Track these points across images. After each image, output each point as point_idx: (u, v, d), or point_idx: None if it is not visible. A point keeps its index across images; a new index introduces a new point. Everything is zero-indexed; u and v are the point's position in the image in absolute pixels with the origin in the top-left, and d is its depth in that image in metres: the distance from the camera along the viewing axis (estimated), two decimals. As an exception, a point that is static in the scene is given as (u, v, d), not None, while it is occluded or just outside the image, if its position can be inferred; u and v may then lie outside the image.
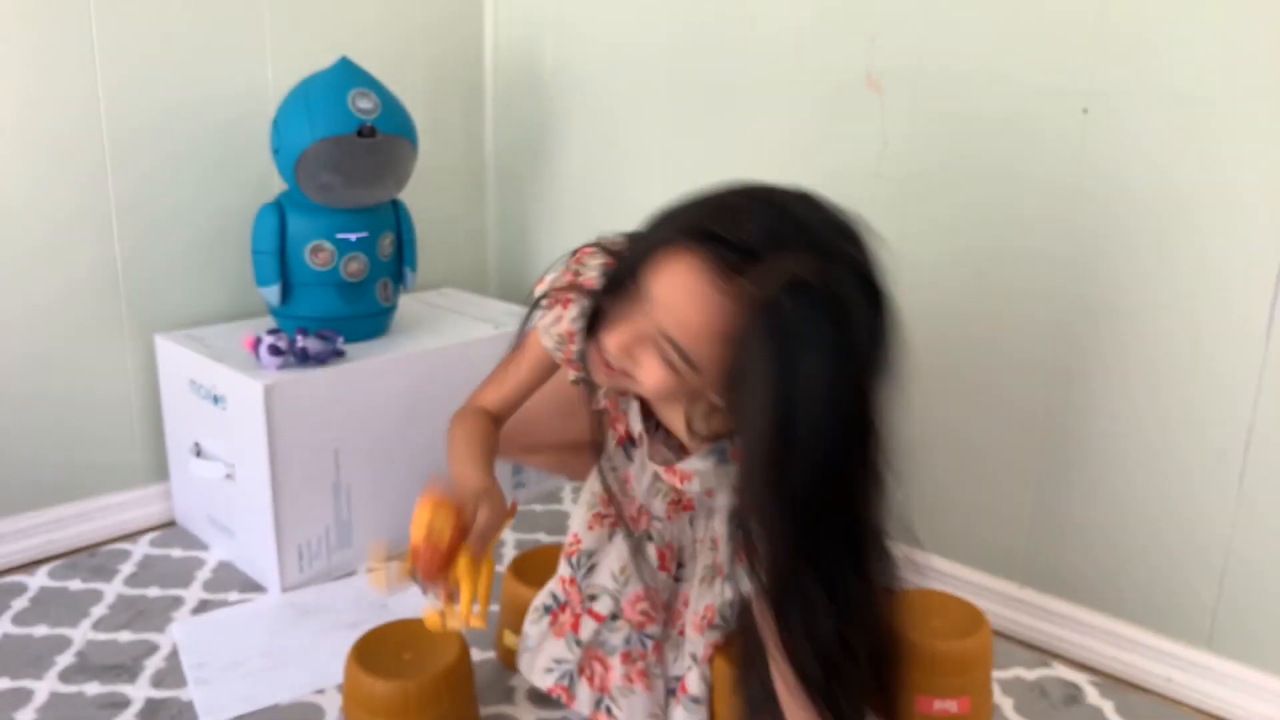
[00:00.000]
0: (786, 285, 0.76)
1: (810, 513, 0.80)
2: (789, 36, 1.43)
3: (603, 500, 1.13)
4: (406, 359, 1.47)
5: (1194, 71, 1.10)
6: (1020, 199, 1.25)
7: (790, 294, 0.76)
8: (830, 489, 0.80)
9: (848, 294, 0.78)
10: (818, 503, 0.80)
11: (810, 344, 0.76)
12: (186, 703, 1.14)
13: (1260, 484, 1.13)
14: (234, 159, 1.59)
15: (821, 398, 0.76)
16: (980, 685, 1.13)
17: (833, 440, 0.79)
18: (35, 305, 1.43)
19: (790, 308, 0.76)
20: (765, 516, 0.82)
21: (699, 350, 0.82)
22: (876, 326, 0.81)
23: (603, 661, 1.11)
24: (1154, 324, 1.17)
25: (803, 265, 0.77)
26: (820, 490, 0.80)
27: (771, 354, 0.76)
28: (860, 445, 0.81)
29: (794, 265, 0.77)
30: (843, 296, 0.78)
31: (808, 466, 0.78)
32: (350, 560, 1.47)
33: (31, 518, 1.47)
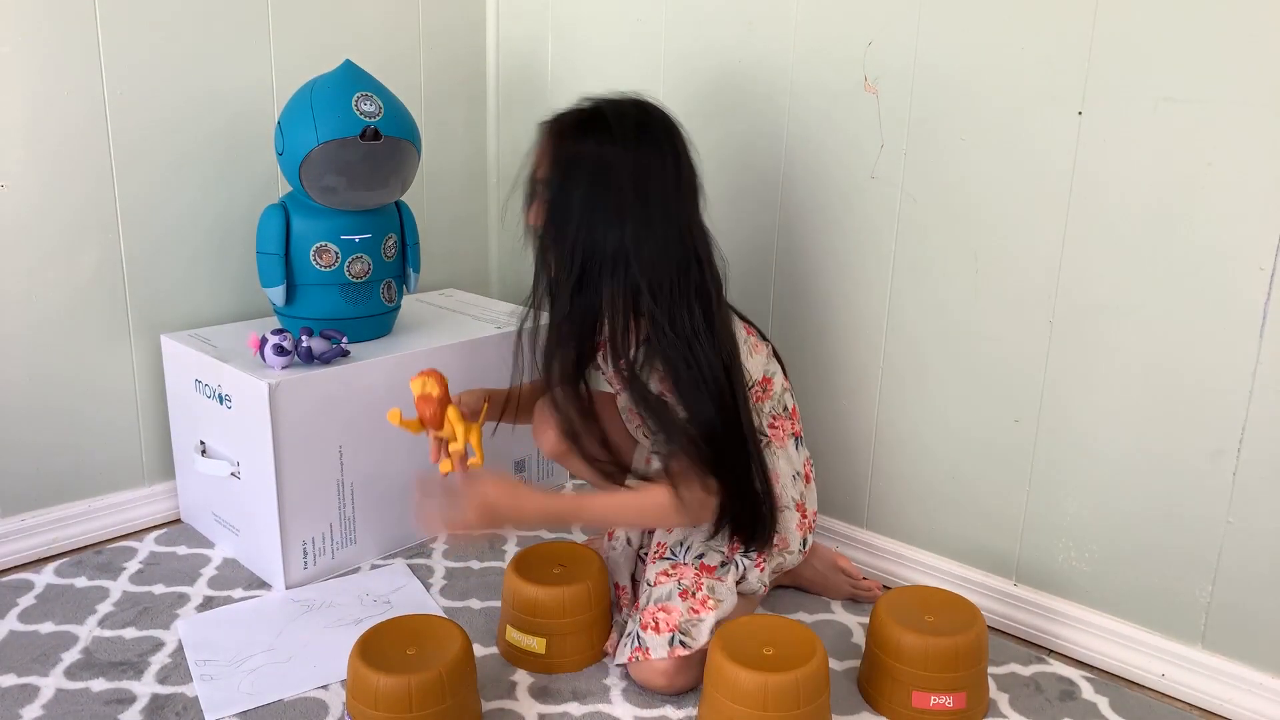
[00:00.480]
0: (565, 116, 1.18)
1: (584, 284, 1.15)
2: (787, 39, 1.44)
3: None
4: (410, 359, 1.48)
5: (1186, 74, 1.11)
6: (1015, 201, 1.26)
7: (563, 117, 1.18)
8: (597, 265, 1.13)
9: (605, 120, 1.15)
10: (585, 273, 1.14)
11: (575, 153, 1.15)
12: (192, 699, 1.15)
13: (1254, 482, 1.14)
14: (239, 161, 1.60)
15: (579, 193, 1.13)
16: (976, 681, 1.15)
17: (591, 229, 1.12)
18: (42, 306, 1.44)
19: (562, 123, 1.18)
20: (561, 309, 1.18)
21: (540, 175, 1.19)
22: (632, 143, 1.14)
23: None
24: (1148, 324, 1.18)
25: (579, 109, 1.19)
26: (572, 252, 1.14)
27: (550, 150, 1.17)
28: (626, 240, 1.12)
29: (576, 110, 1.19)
30: (599, 120, 1.15)
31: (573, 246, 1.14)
32: (354, 557, 1.48)
33: (38, 515, 1.48)
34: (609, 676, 1.23)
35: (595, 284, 1.14)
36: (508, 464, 1.68)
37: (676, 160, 1.17)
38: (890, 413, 1.44)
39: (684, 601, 1.19)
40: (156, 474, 1.60)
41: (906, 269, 1.38)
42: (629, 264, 1.13)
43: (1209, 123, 1.10)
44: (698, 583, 1.21)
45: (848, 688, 1.22)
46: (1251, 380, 1.12)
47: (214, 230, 1.59)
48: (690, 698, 1.18)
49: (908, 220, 1.36)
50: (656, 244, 1.13)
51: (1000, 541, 1.36)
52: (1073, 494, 1.28)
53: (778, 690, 1.02)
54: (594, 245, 1.13)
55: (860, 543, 1.51)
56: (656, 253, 1.13)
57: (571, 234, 1.14)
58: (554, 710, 1.16)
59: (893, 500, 1.47)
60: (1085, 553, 1.28)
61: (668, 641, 1.16)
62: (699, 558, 1.24)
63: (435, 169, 1.89)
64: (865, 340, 1.44)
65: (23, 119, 1.38)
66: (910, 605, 1.19)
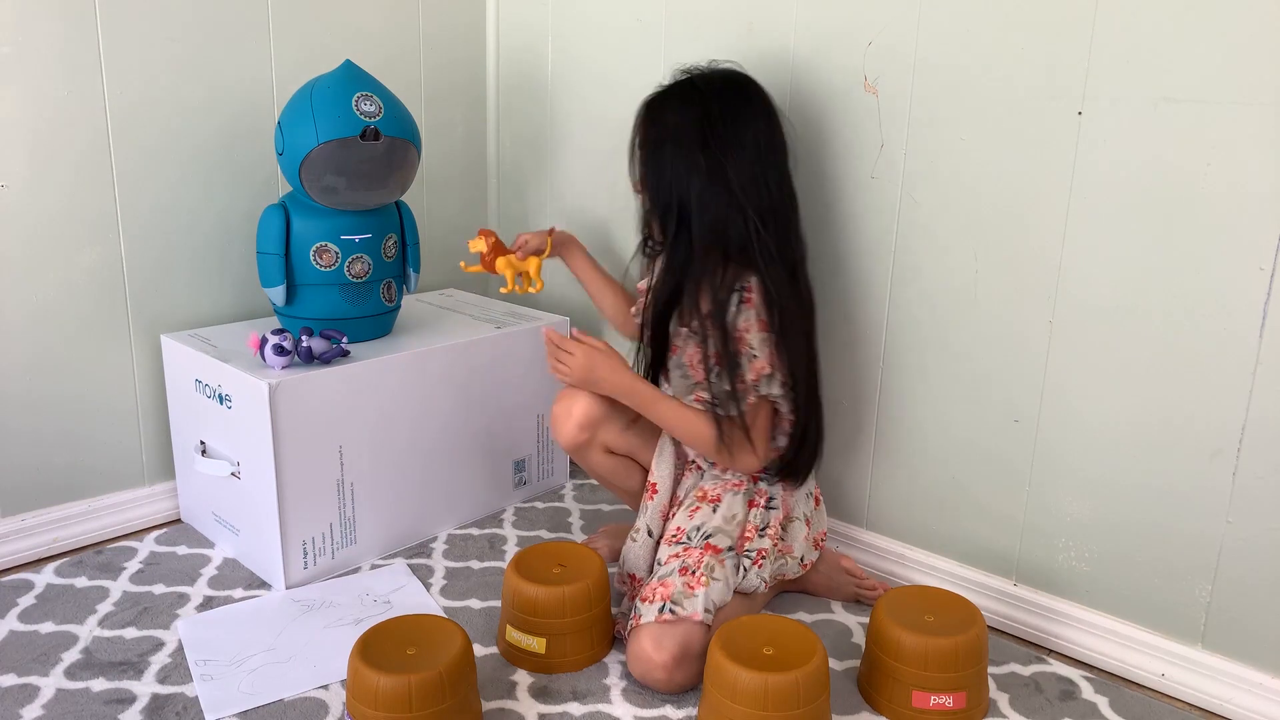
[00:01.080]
0: (659, 90, 1.32)
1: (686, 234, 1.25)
2: (787, 39, 1.44)
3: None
4: (410, 359, 1.48)
5: (1186, 74, 1.11)
6: (1015, 201, 1.26)
7: (655, 92, 1.31)
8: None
9: (685, 85, 1.28)
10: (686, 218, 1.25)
11: (664, 121, 1.28)
12: (192, 699, 1.15)
13: (1254, 482, 1.14)
14: (239, 161, 1.60)
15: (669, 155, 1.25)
16: (976, 681, 1.15)
17: (686, 185, 1.24)
18: (42, 307, 1.44)
19: (653, 96, 1.31)
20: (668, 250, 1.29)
21: (638, 140, 1.32)
22: (707, 99, 1.25)
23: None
24: (1148, 324, 1.18)
25: (672, 81, 1.31)
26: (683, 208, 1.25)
27: (645, 121, 1.31)
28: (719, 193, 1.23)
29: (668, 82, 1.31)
30: (679, 87, 1.29)
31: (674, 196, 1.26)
32: (355, 557, 1.48)
33: (38, 515, 1.48)
34: (609, 676, 1.23)
35: (688, 236, 1.25)
36: (508, 463, 1.68)
37: (765, 121, 1.27)
38: (890, 413, 1.44)
39: (681, 576, 1.21)
40: (157, 474, 1.60)
41: (906, 269, 1.38)
42: (716, 214, 1.23)
43: (1209, 123, 1.10)
44: (699, 561, 1.23)
45: (848, 688, 1.22)
46: (1251, 380, 1.12)
47: (214, 230, 1.59)
48: (690, 697, 1.18)
49: (908, 220, 1.37)
50: (747, 191, 1.23)
51: (1000, 541, 1.36)
52: (1073, 494, 1.28)
53: (778, 690, 1.02)
54: (686, 200, 1.24)
55: (860, 543, 1.51)
56: (749, 199, 1.23)
57: (665, 193, 1.26)
58: (554, 710, 1.16)
59: (893, 500, 1.47)
60: (1085, 553, 1.29)
61: (658, 609, 1.18)
62: (707, 538, 1.26)
63: (435, 169, 1.89)
64: (865, 340, 1.44)
65: (23, 119, 1.38)
66: (910, 605, 1.19)
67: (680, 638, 1.16)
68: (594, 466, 1.40)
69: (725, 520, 1.29)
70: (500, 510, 1.69)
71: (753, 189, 1.24)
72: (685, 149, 1.24)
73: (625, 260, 1.74)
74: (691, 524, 1.30)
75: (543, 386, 1.69)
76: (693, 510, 1.31)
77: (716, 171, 1.23)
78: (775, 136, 1.28)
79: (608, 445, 1.38)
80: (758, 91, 1.29)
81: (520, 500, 1.72)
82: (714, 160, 1.23)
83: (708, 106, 1.25)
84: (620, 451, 1.39)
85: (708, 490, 1.32)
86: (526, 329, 1.65)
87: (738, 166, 1.23)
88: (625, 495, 1.46)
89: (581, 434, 1.35)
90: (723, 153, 1.23)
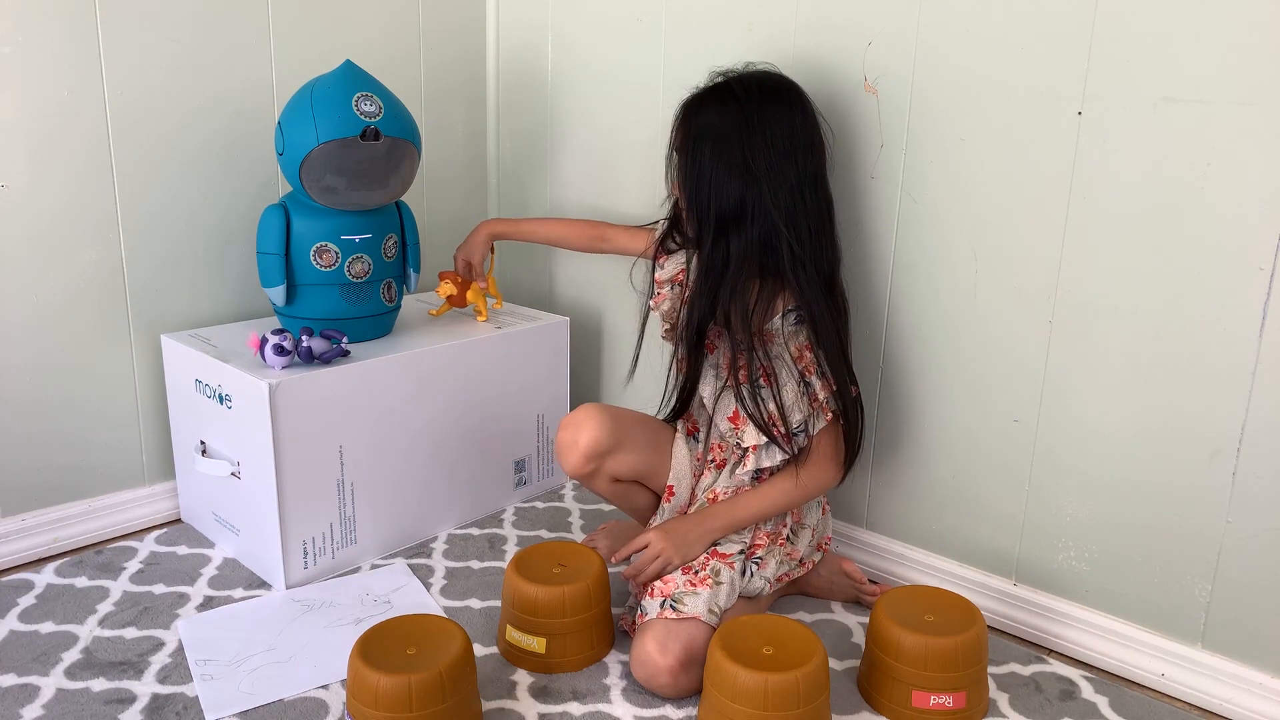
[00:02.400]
0: (696, 92, 1.30)
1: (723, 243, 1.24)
2: (786, 40, 1.45)
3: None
4: (410, 359, 1.48)
5: (1186, 74, 1.11)
6: (1015, 201, 1.26)
7: (696, 92, 1.29)
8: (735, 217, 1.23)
9: (724, 89, 1.26)
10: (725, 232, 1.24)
11: (700, 121, 1.26)
12: (192, 698, 1.15)
13: (1253, 483, 1.14)
14: (239, 161, 1.60)
15: (710, 155, 1.23)
16: (976, 681, 1.15)
17: (727, 187, 1.23)
18: (42, 306, 1.44)
19: (693, 96, 1.29)
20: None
21: (675, 143, 1.31)
22: (747, 105, 1.23)
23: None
24: (1148, 324, 1.18)
25: (707, 85, 1.30)
26: (723, 221, 1.24)
27: (682, 123, 1.29)
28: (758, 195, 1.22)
29: (703, 86, 1.30)
30: (720, 90, 1.27)
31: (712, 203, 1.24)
32: (355, 557, 1.48)
33: (39, 515, 1.48)
34: (609, 676, 1.23)
35: (725, 242, 1.24)
36: (508, 463, 1.68)
37: (803, 124, 1.26)
38: (890, 413, 1.44)
39: (684, 575, 1.22)
40: (157, 474, 1.60)
41: (906, 269, 1.38)
42: (755, 221, 1.23)
43: (1209, 123, 1.10)
44: (704, 563, 1.23)
45: (848, 688, 1.22)
46: (1251, 380, 1.12)
47: (214, 230, 1.59)
48: (690, 697, 1.18)
49: (908, 220, 1.37)
50: (783, 199, 1.22)
51: (1000, 541, 1.36)
52: (1073, 494, 1.28)
53: (778, 690, 1.02)
54: (724, 207, 1.23)
55: (860, 543, 1.51)
56: (784, 207, 1.22)
57: (704, 198, 1.25)
58: (554, 710, 1.16)
59: (893, 500, 1.47)
60: (1085, 553, 1.29)
61: (659, 605, 1.19)
62: (715, 544, 1.27)
63: (435, 169, 1.89)
64: (865, 340, 1.44)
65: (23, 119, 1.38)
66: (910, 605, 1.19)
67: (685, 640, 1.16)
68: (600, 491, 1.38)
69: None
70: (500, 510, 1.69)
71: (791, 195, 1.23)
72: (724, 154, 1.23)
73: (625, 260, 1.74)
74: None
75: (543, 386, 1.69)
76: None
77: (755, 177, 1.22)
78: (814, 140, 1.27)
79: (614, 474, 1.35)
80: (797, 94, 1.27)
81: (520, 500, 1.72)
82: (752, 166, 1.22)
83: (745, 111, 1.23)
84: (626, 479, 1.37)
85: (718, 495, 1.32)
86: (527, 329, 1.65)
87: (776, 172, 1.22)
88: (632, 513, 1.44)
89: (588, 464, 1.32)
90: (761, 158, 1.22)
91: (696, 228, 1.28)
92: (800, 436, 1.26)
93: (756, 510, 1.28)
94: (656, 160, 1.66)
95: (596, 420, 1.31)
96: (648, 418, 1.41)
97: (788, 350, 1.25)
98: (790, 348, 1.25)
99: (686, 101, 1.30)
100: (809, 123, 1.27)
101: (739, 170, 1.22)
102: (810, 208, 1.25)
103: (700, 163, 1.25)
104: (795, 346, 1.25)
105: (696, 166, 1.25)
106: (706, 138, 1.25)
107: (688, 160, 1.27)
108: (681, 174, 1.28)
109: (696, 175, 1.25)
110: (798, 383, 1.24)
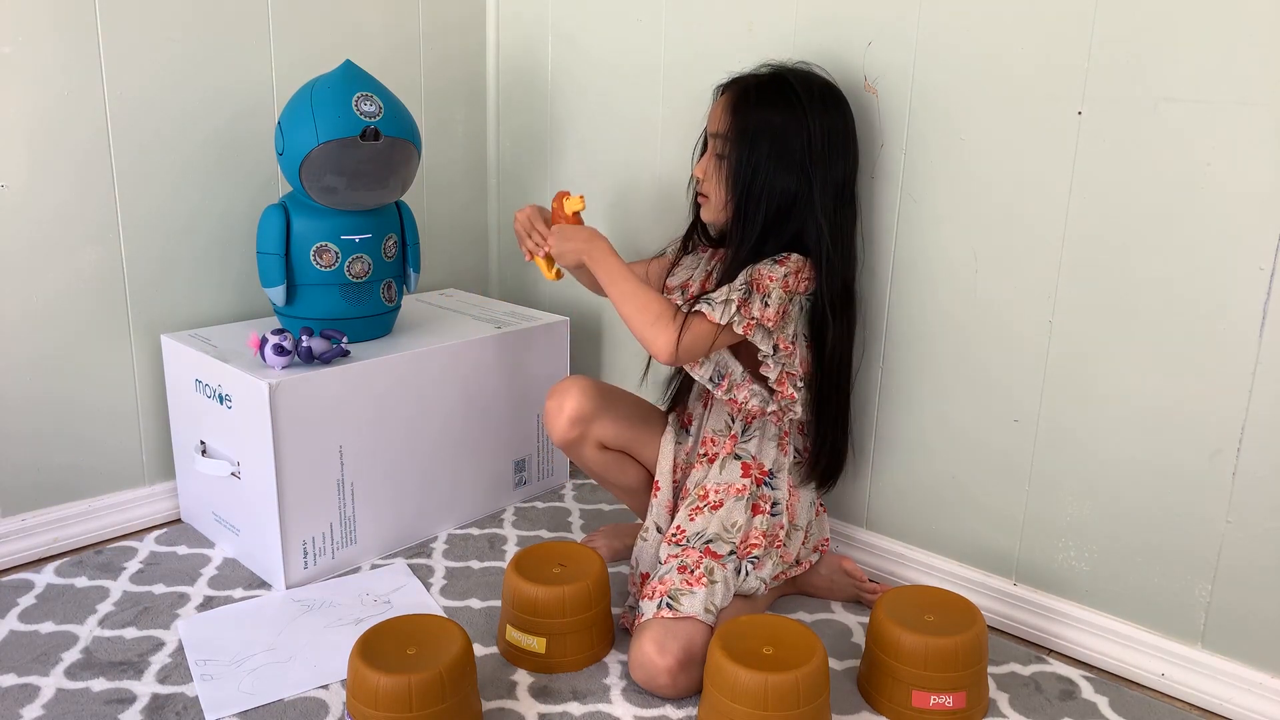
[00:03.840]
0: (751, 79, 1.28)
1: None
2: (786, 41, 1.44)
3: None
4: (410, 358, 1.48)
5: (1186, 74, 1.11)
6: (1014, 201, 1.26)
7: (750, 81, 1.28)
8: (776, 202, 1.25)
9: (784, 84, 1.26)
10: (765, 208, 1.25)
11: (759, 114, 1.24)
12: (192, 698, 1.15)
13: (1253, 482, 1.14)
14: (239, 161, 1.60)
15: (765, 149, 1.23)
16: (976, 680, 1.15)
17: (775, 176, 1.23)
18: (42, 306, 1.44)
19: (749, 86, 1.27)
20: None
21: (716, 129, 1.29)
22: (809, 105, 1.24)
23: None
24: (1148, 324, 1.18)
25: (761, 75, 1.29)
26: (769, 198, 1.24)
27: (734, 112, 1.26)
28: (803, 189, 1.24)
29: (757, 76, 1.29)
30: (779, 84, 1.26)
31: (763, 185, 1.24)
32: (355, 557, 1.48)
33: (38, 515, 1.48)
34: (609, 676, 1.23)
35: (763, 238, 1.25)
36: (508, 463, 1.68)
37: (852, 139, 1.30)
38: (890, 413, 1.44)
39: (680, 575, 1.22)
40: (157, 474, 1.60)
41: (906, 269, 1.38)
42: (798, 224, 1.25)
43: (1209, 123, 1.10)
44: (698, 562, 1.24)
45: (848, 688, 1.22)
46: (1251, 380, 1.12)
47: (214, 230, 1.59)
48: (690, 697, 1.18)
49: (908, 220, 1.37)
50: (829, 199, 1.25)
51: (1000, 541, 1.36)
52: (1072, 494, 1.28)
53: (778, 690, 1.02)
54: (774, 199, 1.24)
55: (860, 543, 1.51)
56: (828, 206, 1.25)
57: (757, 191, 1.24)
58: (554, 710, 1.16)
59: (893, 500, 1.47)
60: (1085, 553, 1.29)
61: (657, 605, 1.19)
62: (707, 543, 1.27)
63: (435, 169, 1.89)
64: (866, 340, 1.44)
65: (23, 119, 1.38)
66: (910, 605, 1.19)
67: (683, 640, 1.16)
68: (587, 463, 1.40)
69: (725, 527, 1.29)
70: (500, 510, 1.69)
71: (833, 203, 1.25)
72: (784, 151, 1.23)
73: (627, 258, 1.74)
74: (692, 528, 1.30)
75: (543, 386, 1.69)
76: (694, 511, 1.31)
77: (807, 176, 1.23)
78: (853, 145, 1.30)
79: (601, 441, 1.38)
80: (844, 99, 1.29)
81: (520, 500, 1.72)
82: (807, 169, 1.23)
83: (808, 111, 1.23)
84: (614, 447, 1.39)
85: (709, 491, 1.32)
86: (526, 329, 1.65)
87: (825, 170, 1.24)
88: (621, 493, 1.46)
89: (573, 429, 1.35)
90: (817, 157, 1.23)
91: (737, 219, 1.27)
92: (702, 305, 1.22)
93: (616, 283, 1.28)
94: (657, 159, 1.67)
95: (581, 386, 1.36)
96: (637, 396, 1.44)
97: (754, 269, 1.25)
98: (756, 268, 1.24)
99: (737, 89, 1.28)
100: (850, 126, 1.29)
101: (795, 168, 1.23)
102: (845, 211, 1.28)
103: (758, 158, 1.24)
104: (758, 269, 1.23)
105: (754, 161, 1.24)
106: (765, 132, 1.24)
107: (745, 152, 1.25)
108: (734, 165, 1.26)
109: (753, 169, 1.24)
110: (740, 285, 1.22)
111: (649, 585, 1.23)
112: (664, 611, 1.18)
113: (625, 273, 1.29)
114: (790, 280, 1.24)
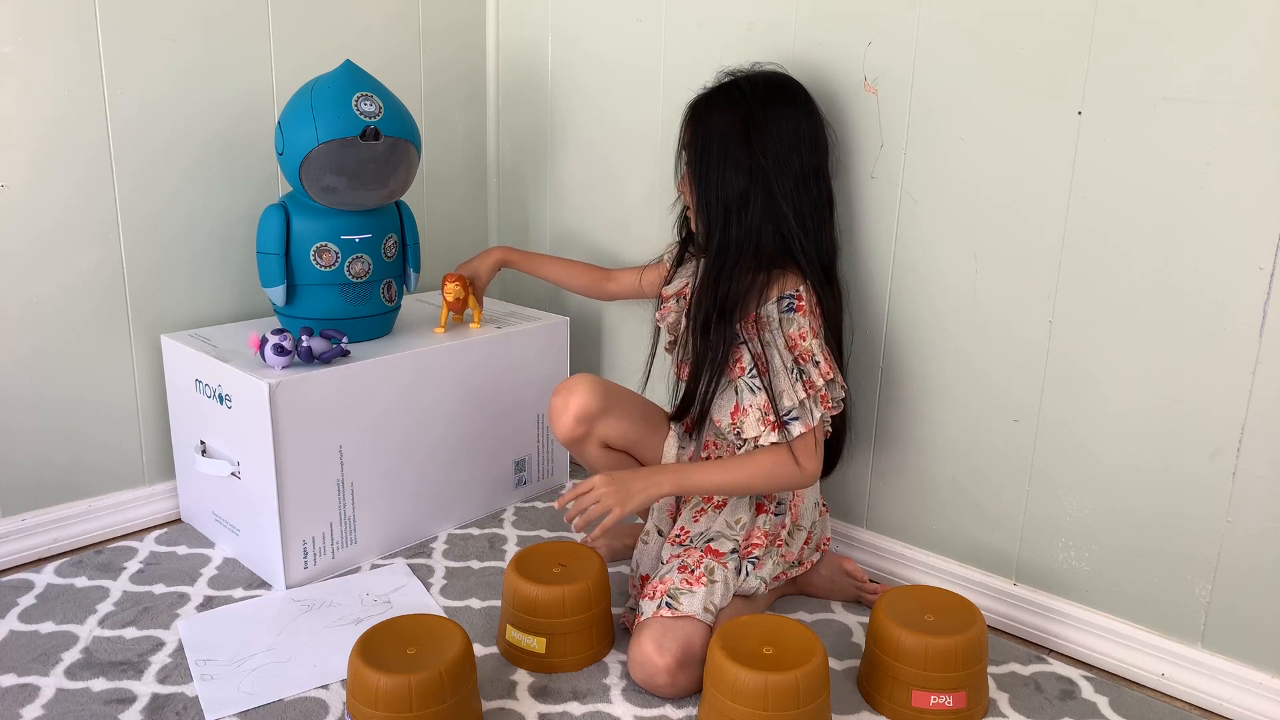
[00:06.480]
0: (704, 92, 1.31)
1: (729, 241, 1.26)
2: (787, 40, 1.45)
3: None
4: (410, 358, 1.48)
5: (1186, 74, 1.11)
6: (1015, 201, 1.26)
7: (702, 94, 1.31)
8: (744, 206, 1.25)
9: (731, 89, 1.28)
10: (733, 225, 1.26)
11: (706, 122, 1.28)
12: (192, 698, 1.16)
13: (1253, 482, 1.14)
14: (239, 161, 1.60)
15: (717, 150, 1.25)
16: (976, 680, 1.15)
17: (732, 176, 1.24)
18: (42, 306, 1.44)
19: (700, 98, 1.31)
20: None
21: (679, 145, 1.33)
22: (753, 103, 1.25)
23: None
24: (1148, 324, 1.18)
25: (713, 86, 1.31)
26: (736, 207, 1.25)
27: (690, 123, 1.30)
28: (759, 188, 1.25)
29: (711, 87, 1.32)
30: (727, 90, 1.29)
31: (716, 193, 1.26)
32: (355, 557, 1.48)
33: (38, 515, 1.48)
34: (609, 676, 1.23)
35: (729, 239, 1.25)
36: (508, 463, 1.68)
37: (808, 123, 1.28)
38: (890, 412, 1.44)
39: (680, 574, 1.22)
40: (157, 474, 1.60)
41: (906, 269, 1.38)
42: (760, 217, 1.25)
43: (1209, 123, 1.10)
44: (699, 561, 1.24)
45: (848, 688, 1.22)
46: (1251, 380, 1.12)
47: (214, 230, 1.59)
48: (690, 697, 1.18)
49: (908, 220, 1.37)
50: (789, 188, 1.24)
51: (1000, 541, 1.36)
52: (1073, 494, 1.28)
53: (778, 690, 1.02)
54: (730, 204, 1.25)
55: (860, 543, 1.51)
56: (790, 195, 1.25)
57: (710, 195, 1.26)
58: (554, 710, 1.16)
59: (893, 500, 1.47)
60: (1085, 553, 1.29)
61: (656, 605, 1.19)
62: (709, 541, 1.27)
63: (435, 169, 1.89)
64: (865, 340, 1.44)
65: (23, 119, 1.38)
66: (910, 605, 1.19)
67: (682, 639, 1.16)
68: (591, 461, 1.40)
69: (728, 525, 1.29)
70: (500, 510, 1.69)
71: (795, 192, 1.25)
72: (731, 151, 1.25)
73: (626, 257, 1.74)
74: (696, 528, 1.30)
75: (543, 386, 1.69)
76: (698, 512, 1.32)
77: (760, 170, 1.24)
78: (818, 137, 1.29)
79: (605, 440, 1.37)
80: (801, 93, 1.29)
81: (520, 500, 1.72)
82: (758, 164, 1.24)
83: (752, 109, 1.25)
84: (618, 447, 1.39)
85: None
86: (526, 329, 1.65)
87: (781, 170, 1.24)
88: None
89: (579, 427, 1.35)
90: (767, 156, 1.24)
91: (704, 224, 1.29)
92: (794, 425, 1.23)
93: (711, 481, 1.25)
94: (657, 158, 1.67)
95: (588, 384, 1.35)
96: (643, 397, 1.44)
97: (779, 337, 1.24)
98: (781, 335, 1.24)
99: (694, 101, 1.32)
100: (813, 120, 1.29)
101: (744, 165, 1.24)
102: (813, 198, 1.27)
103: (708, 161, 1.26)
104: (787, 335, 1.24)
105: (704, 165, 1.27)
106: (714, 136, 1.26)
107: (696, 158, 1.28)
108: (690, 171, 1.30)
109: (704, 172, 1.27)
110: (789, 371, 1.23)
111: (650, 585, 1.23)
112: (663, 611, 1.18)
113: (713, 470, 1.25)
114: (813, 321, 1.25)
